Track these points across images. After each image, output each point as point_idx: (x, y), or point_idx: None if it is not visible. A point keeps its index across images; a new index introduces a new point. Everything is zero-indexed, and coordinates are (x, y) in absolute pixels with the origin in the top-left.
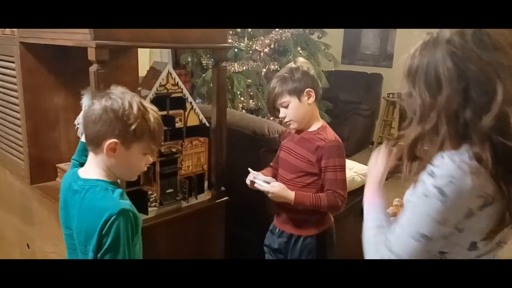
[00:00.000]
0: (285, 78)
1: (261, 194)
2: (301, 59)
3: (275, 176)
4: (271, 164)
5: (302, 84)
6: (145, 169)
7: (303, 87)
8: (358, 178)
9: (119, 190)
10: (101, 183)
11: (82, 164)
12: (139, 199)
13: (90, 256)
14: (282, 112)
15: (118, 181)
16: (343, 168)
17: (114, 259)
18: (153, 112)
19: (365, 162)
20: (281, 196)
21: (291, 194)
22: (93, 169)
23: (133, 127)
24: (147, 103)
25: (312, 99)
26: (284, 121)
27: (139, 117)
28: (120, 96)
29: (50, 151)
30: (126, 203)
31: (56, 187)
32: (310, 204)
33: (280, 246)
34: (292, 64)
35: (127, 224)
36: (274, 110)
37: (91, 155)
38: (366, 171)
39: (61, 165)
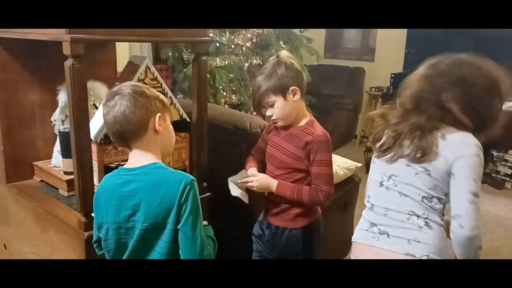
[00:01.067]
0: (269, 76)
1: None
2: (284, 52)
3: (259, 164)
4: (252, 153)
5: (286, 81)
6: None
7: (287, 84)
8: (341, 172)
9: None
10: (159, 164)
11: None
12: None
13: (169, 228)
14: (269, 111)
15: None
16: (329, 163)
17: (196, 221)
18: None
19: (348, 156)
20: (264, 186)
21: (274, 183)
22: (143, 157)
23: (160, 98)
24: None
25: (298, 95)
26: (272, 119)
27: (154, 91)
28: (131, 84)
29: (26, 149)
30: (190, 175)
31: (33, 185)
32: (291, 196)
33: (268, 237)
34: (275, 58)
35: (197, 191)
36: (259, 109)
37: (135, 147)
38: (349, 164)
39: (38, 163)
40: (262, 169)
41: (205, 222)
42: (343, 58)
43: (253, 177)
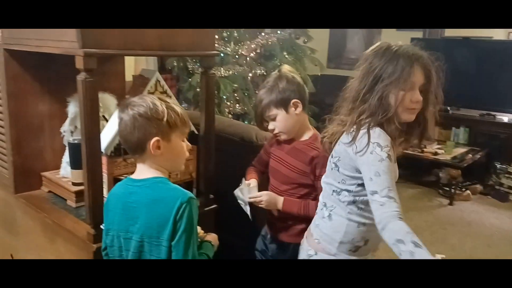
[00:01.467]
0: (271, 90)
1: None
2: (285, 67)
3: (260, 175)
4: (253, 163)
5: (287, 95)
6: (188, 154)
7: (289, 98)
8: None
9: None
10: (161, 179)
11: None
12: None
13: (163, 244)
14: (271, 125)
15: None
16: None
17: (189, 240)
18: (171, 101)
19: None
20: (272, 203)
21: (280, 200)
22: (147, 170)
23: (165, 120)
24: (161, 97)
25: (300, 109)
26: (274, 133)
27: (165, 111)
28: (141, 101)
29: (35, 160)
30: (190, 192)
31: (41, 196)
32: (298, 212)
33: (272, 252)
34: (276, 73)
35: (195, 209)
36: (262, 123)
37: (139, 161)
38: None
39: (47, 174)
40: (265, 180)
41: (209, 237)
42: (346, 68)
43: (261, 195)
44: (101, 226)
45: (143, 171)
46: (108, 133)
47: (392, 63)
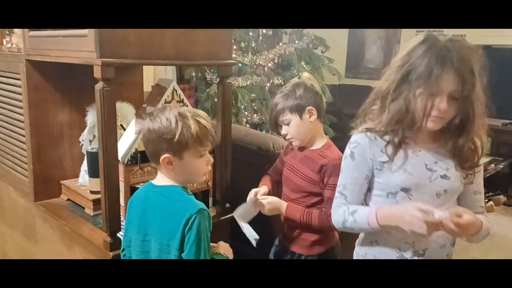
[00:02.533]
0: (287, 95)
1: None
2: (305, 74)
3: (274, 184)
4: (269, 172)
5: (303, 102)
6: (209, 168)
7: (304, 104)
8: None
9: (191, 195)
10: (176, 188)
11: None
12: None
13: (173, 253)
14: (284, 129)
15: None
16: None
17: (199, 251)
18: (195, 116)
19: None
20: (275, 207)
21: (284, 205)
22: (164, 178)
23: (175, 139)
24: (188, 109)
25: (314, 117)
26: (286, 138)
27: (178, 129)
28: (159, 115)
29: (54, 168)
30: (202, 203)
31: (60, 203)
32: (300, 218)
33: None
34: (295, 80)
35: (205, 220)
36: (276, 127)
37: (158, 168)
38: None
39: (65, 182)
40: (279, 190)
41: (221, 248)
42: (364, 77)
43: (264, 199)
44: (118, 235)
45: (162, 178)
46: (125, 142)
47: (423, 60)
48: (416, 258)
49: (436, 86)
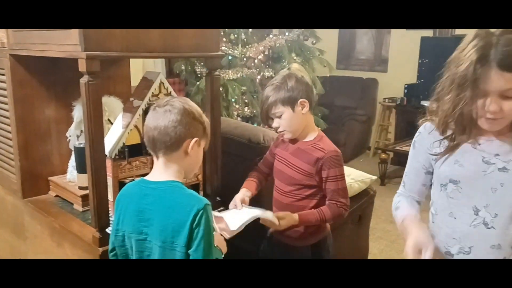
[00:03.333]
0: (279, 87)
1: (257, 204)
2: (295, 66)
3: (259, 185)
4: (259, 165)
5: (295, 94)
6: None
7: (296, 96)
8: (356, 185)
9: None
10: (177, 183)
11: None
12: None
13: (178, 250)
14: (276, 122)
15: None
16: (343, 177)
17: (209, 247)
18: None
19: (362, 167)
20: (289, 223)
21: (295, 218)
22: (164, 172)
23: (204, 124)
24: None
25: (306, 108)
26: (278, 131)
27: (203, 116)
28: (185, 101)
29: (42, 164)
30: (206, 198)
31: (49, 200)
32: (316, 220)
33: (276, 255)
34: (285, 71)
35: (211, 215)
36: (267, 120)
37: (161, 160)
38: (364, 177)
39: (54, 178)
40: (269, 183)
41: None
42: (355, 69)
43: (278, 218)
44: (107, 230)
45: (160, 173)
46: (112, 136)
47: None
48: (462, 255)
49: (480, 87)
